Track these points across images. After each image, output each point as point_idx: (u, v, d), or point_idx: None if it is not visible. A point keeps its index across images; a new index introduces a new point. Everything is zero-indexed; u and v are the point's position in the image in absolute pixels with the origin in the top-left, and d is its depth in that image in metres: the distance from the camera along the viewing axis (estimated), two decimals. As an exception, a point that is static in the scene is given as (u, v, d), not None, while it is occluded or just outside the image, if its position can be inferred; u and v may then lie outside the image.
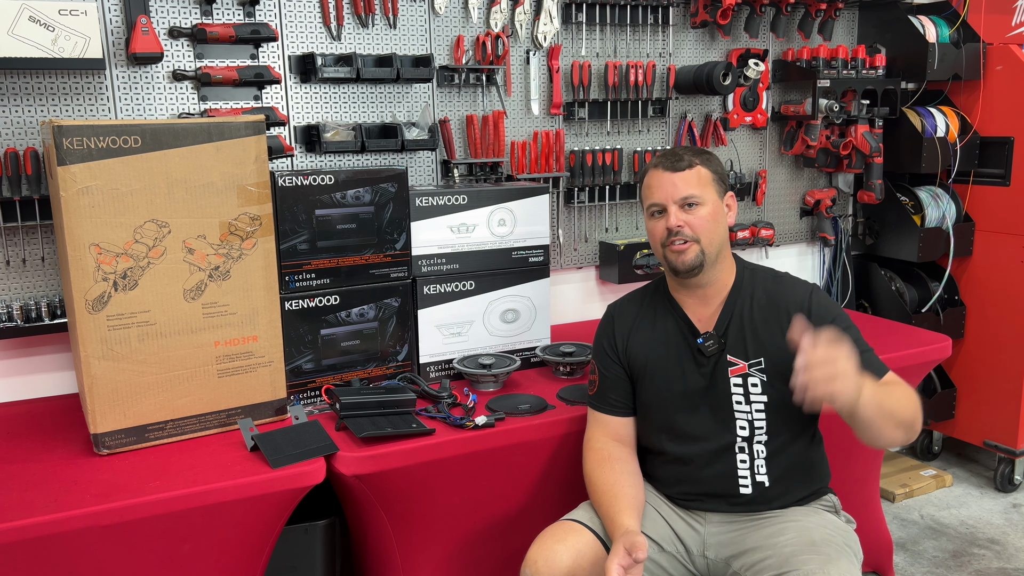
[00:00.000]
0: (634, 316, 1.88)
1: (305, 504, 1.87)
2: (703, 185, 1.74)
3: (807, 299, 1.75)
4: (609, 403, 1.85)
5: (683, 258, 1.73)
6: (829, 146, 3.10)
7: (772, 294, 1.78)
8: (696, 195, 1.73)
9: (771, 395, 1.74)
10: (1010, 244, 3.10)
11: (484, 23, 2.59)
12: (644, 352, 1.83)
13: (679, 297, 1.83)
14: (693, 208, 1.73)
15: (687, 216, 1.73)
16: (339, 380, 2.12)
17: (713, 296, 1.80)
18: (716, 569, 1.77)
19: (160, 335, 1.79)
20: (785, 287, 1.79)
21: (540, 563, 1.63)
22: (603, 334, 1.91)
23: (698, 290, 1.79)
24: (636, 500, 1.71)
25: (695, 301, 1.81)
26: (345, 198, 2.06)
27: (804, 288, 1.79)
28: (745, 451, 1.76)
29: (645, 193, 1.80)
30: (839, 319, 1.74)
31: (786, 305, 1.75)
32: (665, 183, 1.74)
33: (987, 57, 3.13)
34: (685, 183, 1.73)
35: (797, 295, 1.77)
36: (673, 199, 1.73)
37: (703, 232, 1.73)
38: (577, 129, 2.79)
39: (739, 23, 2.99)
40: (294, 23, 2.34)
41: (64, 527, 1.53)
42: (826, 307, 1.76)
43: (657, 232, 1.76)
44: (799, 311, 1.72)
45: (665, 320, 1.84)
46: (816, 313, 1.73)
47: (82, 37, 1.92)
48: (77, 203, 1.66)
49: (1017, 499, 3.15)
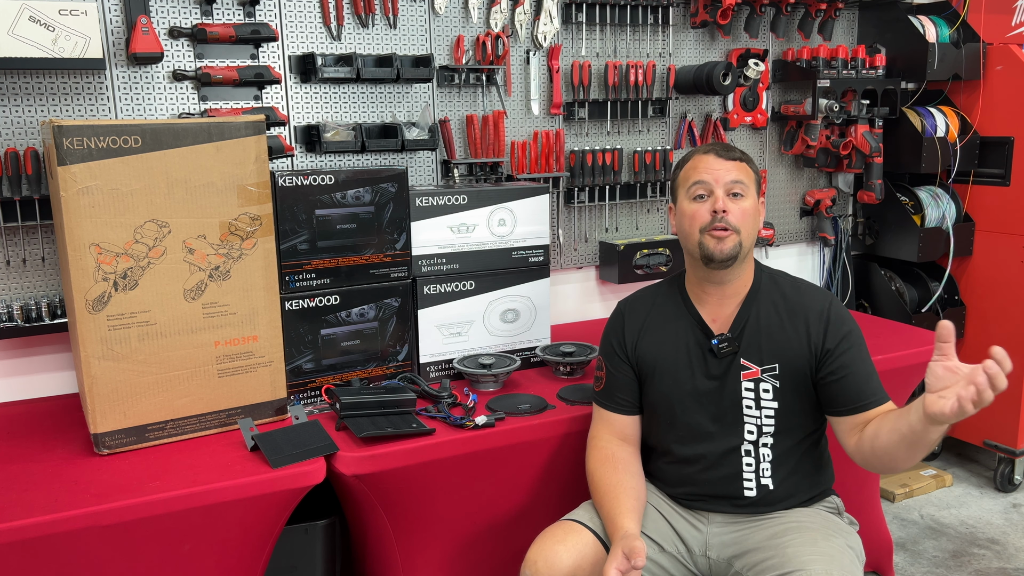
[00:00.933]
0: (645, 314, 1.86)
1: (305, 504, 1.87)
2: (749, 179, 1.74)
3: (827, 308, 1.74)
4: (616, 401, 1.84)
5: (722, 246, 1.69)
6: (829, 146, 3.11)
7: (791, 300, 1.76)
8: (745, 183, 1.72)
9: (782, 401, 1.73)
10: (1010, 244, 3.10)
11: (484, 23, 2.59)
12: (654, 352, 1.81)
13: (695, 296, 1.81)
14: (738, 199, 1.71)
15: (732, 204, 1.70)
16: (339, 380, 2.12)
17: (731, 296, 1.77)
18: (718, 569, 1.77)
19: (160, 335, 1.79)
20: (804, 295, 1.77)
21: (540, 563, 1.63)
22: (612, 331, 1.89)
23: (719, 287, 1.77)
24: (638, 502, 1.71)
25: (712, 300, 1.79)
26: (345, 198, 2.06)
27: (824, 297, 1.77)
28: (751, 454, 1.75)
29: (689, 175, 1.75)
30: (853, 334, 1.72)
31: (805, 313, 1.74)
32: (715, 167, 1.72)
33: (987, 57, 3.13)
34: (737, 170, 1.72)
35: (817, 304, 1.75)
36: (723, 181, 1.71)
37: (744, 224, 1.71)
38: (577, 129, 2.79)
39: (739, 23, 2.99)
40: (294, 23, 2.34)
41: (64, 527, 1.52)
42: (844, 319, 1.74)
43: (699, 215, 1.72)
44: (818, 320, 1.72)
45: (678, 320, 1.81)
46: (833, 324, 1.72)
47: (82, 37, 1.92)
48: (77, 203, 1.66)
49: (1017, 499, 3.15)
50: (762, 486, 1.75)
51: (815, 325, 1.72)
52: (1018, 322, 3.09)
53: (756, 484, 1.75)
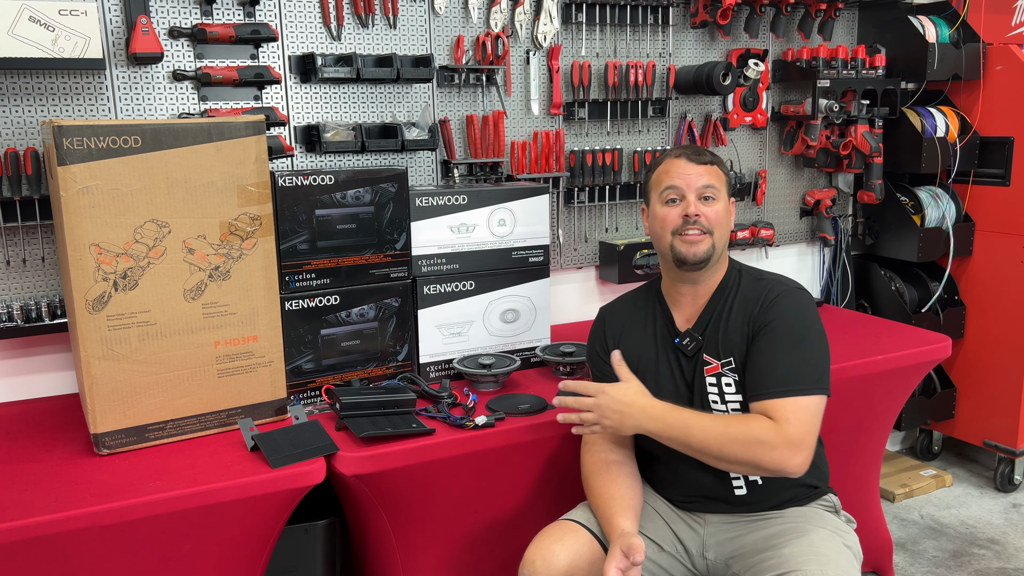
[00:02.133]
0: (625, 318, 1.88)
1: (305, 504, 1.87)
2: (720, 182, 1.76)
3: (771, 294, 1.71)
4: None
5: (695, 249, 1.71)
6: (829, 146, 3.11)
7: (746, 293, 1.76)
8: (716, 187, 1.73)
9: (745, 394, 1.72)
10: (1010, 244, 3.10)
11: (484, 23, 2.59)
12: (635, 353, 1.82)
13: (670, 297, 1.83)
14: (710, 202, 1.73)
15: (704, 208, 1.72)
16: (339, 380, 2.12)
17: (703, 295, 1.79)
18: (716, 570, 1.77)
19: (160, 335, 1.79)
20: (759, 286, 1.75)
21: (538, 563, 1.63)
22: (595, 337, 1.91)
23: (692, 287, 1.79)
24: (634, 502, 1.71)
25: (686, 300, 1.80)
26: (345, 198, 2.06)
27: (777, 286, 1.73)
28: None
29: (660, 179, 1.77)
30: (782, 320, 1.66)
31: (751, 302, 1.72)
32: (686, 171, 1.74)
33: (987, 57, 3.13)
34: (708, 174, 1.74)
35: (764, 292, 1.72)
36: (694, 187, 1.72)
37: (717, 226, 1.73)
38: (577, 129, 2.79)
39: (739, 23, 2.99)
40: (294, 23, 2.34)
41: (64, 527, 1.52)
42: (781, 306, 1.68)
43: (670, 219, 1.74)
44: (757, 305, 1.70)
45: (654, 321, 1.84)
46: (766, 307, 1.69)
47: (82, 37, 1.92)
48: (77, 203, 1.66)
49: (1017, 499, 3.15)
50: (750, 482, 1.75)
51: (755, 310, 1.71)
52: (1018, 322, 3.09)
53: (745, 481, 1.75)
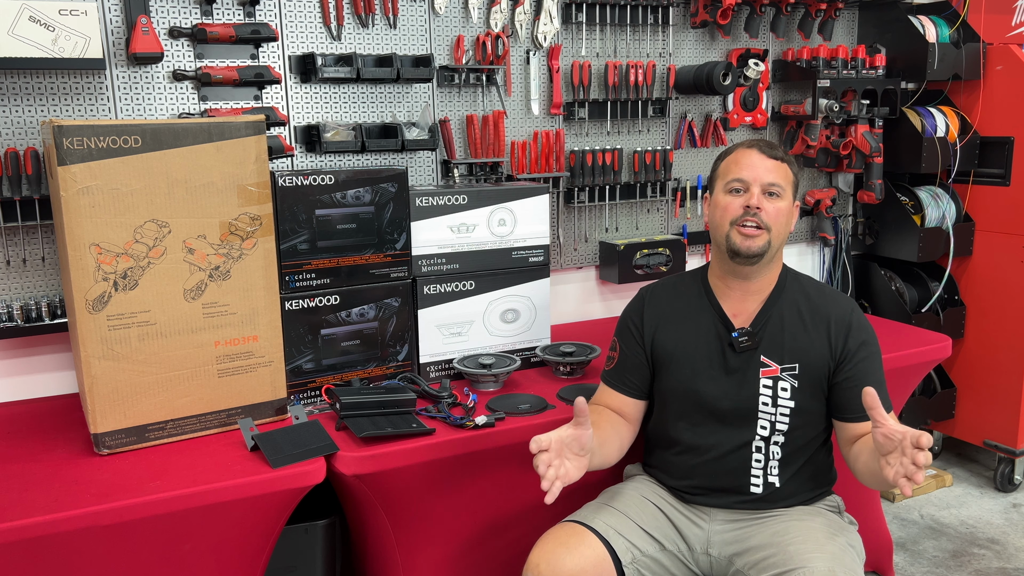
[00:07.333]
0: (667, 304, 1.87)
1: (305, 504, 1.87)
2: (788, 182, 1.75)
3: (850, 315, 1.77)
4: (625, 382, 1.86)
5: (750, 243, 1.71)
6: (829, 146, 3.11)
7: (815, 303, 1.79)
8: (782, 186, 1.73)
9: (798, 401, 1.75)
10: (1010, 244, 3.10)
11: (484, 23, 2.59)
12: (672, 343, 1.82)
13: (718, 289, 1.82)
14: (774, 198, 1.73)
15: (767, 203, 1.72)
16: (339, 380, 2.12)
17: (755, 293, 1.79)
18: (719, 567, 1.77)
19: (160, 335, 1.79)
20: (828, 299, 1.80)
21: (543, 567, 1.63)
22: (632, 313, 1.91)
23: (743, 282, 1.79)
24: (601, 437, 1.71)
25: (735, 295, 1.80)
26: (345, 198, 2.06)
27: (848, 304, 1.80)
28: (762, 451, 1.76)
29: (729, 168, 1.76)
30: (871, 344, 1.76)
31: (828, 317, 1.76)
32: (757, 164, 1.73)
33: (987, 57, 3.13)
34: (776, 171, 1.74)
35: (841, 310, 1.78)
36: (761, 181, 1.72)
37: (776, 224, 1.72)
38: (577, 129, 2.79)
39: (739, 23, 2.99)
40: (294, 23, 2.34)
41: (64, 527, 1.52)
42: (864, 328, 1.77)
43: (732, 208, 1.73)
44: (841, 326, 1.75)
45: (699, 313, 1.83)
46: (854, 331, 1.75)
47: (82, 37, 1.92)
48: (77, 203, 1.66)
49: (1017, 499, 3.15)
50: (768, 483, 1.76)
51: (837, 330, 1.75)
52: (1018, 322, 3.09)
53: (763, 481, 1.76)
